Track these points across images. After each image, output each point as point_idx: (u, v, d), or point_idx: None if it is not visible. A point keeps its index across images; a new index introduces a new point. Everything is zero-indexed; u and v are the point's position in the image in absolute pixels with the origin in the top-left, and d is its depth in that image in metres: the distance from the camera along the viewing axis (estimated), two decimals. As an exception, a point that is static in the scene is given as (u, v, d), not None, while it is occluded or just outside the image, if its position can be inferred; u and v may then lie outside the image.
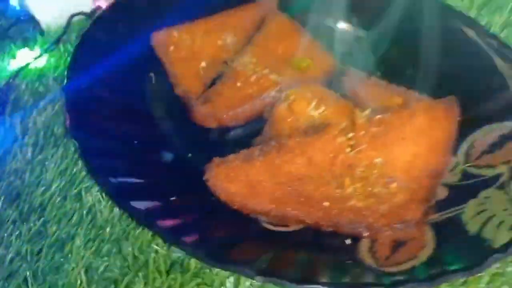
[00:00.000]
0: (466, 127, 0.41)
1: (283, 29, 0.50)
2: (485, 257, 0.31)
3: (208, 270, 0.34)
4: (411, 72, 0.47)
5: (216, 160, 0.38)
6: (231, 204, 0.36)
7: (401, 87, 0.44)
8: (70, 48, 0.52)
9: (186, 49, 0.49)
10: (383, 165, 0.37)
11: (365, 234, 0.34)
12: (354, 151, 0.38)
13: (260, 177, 0.37)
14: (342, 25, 0.54)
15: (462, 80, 0.45)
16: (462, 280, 0.32)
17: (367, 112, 0.39)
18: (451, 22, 0.50)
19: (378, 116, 0.38)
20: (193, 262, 0.34)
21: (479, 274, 0.32)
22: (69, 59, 0.47)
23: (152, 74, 0.48)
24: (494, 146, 0.39)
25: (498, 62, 0.45)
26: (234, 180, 0.37)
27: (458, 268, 0.31)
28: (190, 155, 0.41)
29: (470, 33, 0.48)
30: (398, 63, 0.48)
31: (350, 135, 0.38)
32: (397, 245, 0.33)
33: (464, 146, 0.40)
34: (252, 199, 0.36)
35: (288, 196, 0.36)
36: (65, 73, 0.44)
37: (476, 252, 0.32)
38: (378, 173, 0.37)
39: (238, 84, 0.45)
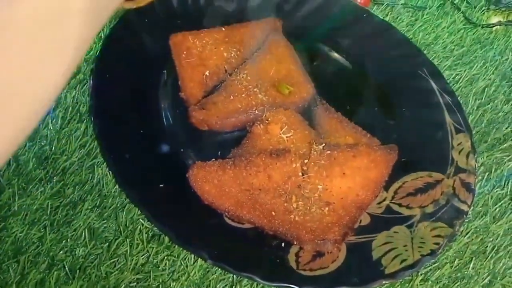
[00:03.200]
0: (401, 169, 0.49)
1: (278, 52, 0.57)
2: (376, 279, 0.41)
3: (176, 246, 0.45)
4: (374, 112, 0.55)
5: (199, 163, 0.47)
6: (204, 200, 0.46)
7: (357, 126, 0.51)
8: (102, 34, 0.60)
9: (196, 56, 0.57)
10: (323, 191, 0.46)
11: (294, 242, 0.43)
12: (304, 175, 0.47)
13: (229, 183, 0.46)
14: (334, 55, 0.61)
15: (411, 126, 0.52)
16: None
17: (321, 147, 0.47)
18: (420, 70, 0.56)
19: (328, 152, 0.47)
20: (167, 238, 0.45)
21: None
22: (100, 44, 0.55)
23: (165, 71, 0.56)
24: (418, 191, 0.48)
25: (447, 118, 0.52)
26: (208, 182, 0.46)
27: (354, 282, 0.41)
28: (182, 150, 0.51)
29: (433, 84, 0.55)
30: (366, 102, 0.55)
31: (305, 161, 0.47)
32: (317, 255, 0.43)
33: (395, 185, 0.48)
34: (219, 199, 0.46)
35: (247, 202, 0.46)
36: (95, 58, 0.53)
37: (372, 274, 0.41)
38: (318, 196, 0.46)
39: (231, 97, 0.53)
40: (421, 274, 0.43)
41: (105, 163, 0.48)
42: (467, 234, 0.46)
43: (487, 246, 0.45)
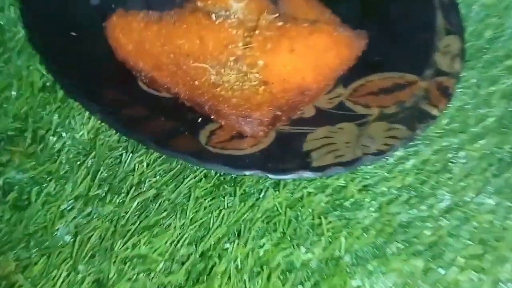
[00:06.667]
0: (370, 67, 0.38)
1: None
2: (297, 169, 0.30)
3: (71, 101, 0.35)
4: (356, 4, 0.43)
5: (120, 11, 0.37)
6: (118, 55, 0.36)
7: (327, 9, 0.40)
8: None
9: None
10: (263, 68, 0.35)
11: (212, 117, 0.33)
12: (245, 47, 0.36)
13: (151, 40, 0.36)
14: None
15: (394, 24, 0.41)
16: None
17: (273, 16, 0.36)
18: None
19: (280, 23, 0.36)
20: (63, 90, 0.35)
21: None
22: None
23: None
24: (382, 91, 0.36)
25: (439, 18, 0.40)
26: (127, 34, 0.36)
27: (268, 167, 0.30)
28: (113, 5, 0.41)
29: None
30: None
31: (251, 33, 0.37)
32: (237, 136, 0.33)
33: (357, 83, 0.37)
34: (136, 56, 0.35)
35: (168, 65, 0.35)
36: None
37: (294, 163, 0.31)
38: (256, 73, 0.35)
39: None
40: (360, 182, 0.32)
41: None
42: (433, 151, 0.35)
43: (452, 168, 0.34)
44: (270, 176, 0.30)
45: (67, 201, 0.30)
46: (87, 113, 0.34)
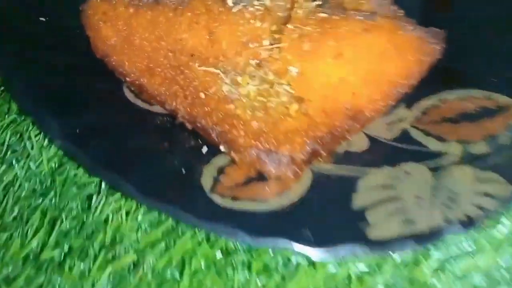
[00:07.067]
0: (444, 80, 0.27)
1: None
2: (349, 241, 0.20)
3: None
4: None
5: (102, -7, 0.27)
6: (97, 51, 0.26)
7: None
8: None
9: None
10: (297, 78, 0.24)
11: (222, 148, 0.23)
12: (272, 46, 0.25)
13: (141, 32, 0.26)
14: None
15: (474, 22, 0.29)
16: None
17: (313, 4, 0.26)
18: None
19: (323, 15, 0.25)
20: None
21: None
22: None
23: None
24: (464, 118, 0.26)
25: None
26: (111, 22, 0.26)
27: (303, 238, 0.20)
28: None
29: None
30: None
31: (282, 26, 0.26)
32: (256, 178, 0.23)
33: (426, 102, 0.27)
34: (120, 53, 0.26)
35: (164, 68, 0.25)
36: None
37: (343, 233, 0.21)
38: (287, 84, 0.25)
39: None
40: (434, 257, 0.22)
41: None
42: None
43: None
44: (304, 251, 0.20)
45: (11, 265, 0.21)
46: (49, 132, 0.25)
